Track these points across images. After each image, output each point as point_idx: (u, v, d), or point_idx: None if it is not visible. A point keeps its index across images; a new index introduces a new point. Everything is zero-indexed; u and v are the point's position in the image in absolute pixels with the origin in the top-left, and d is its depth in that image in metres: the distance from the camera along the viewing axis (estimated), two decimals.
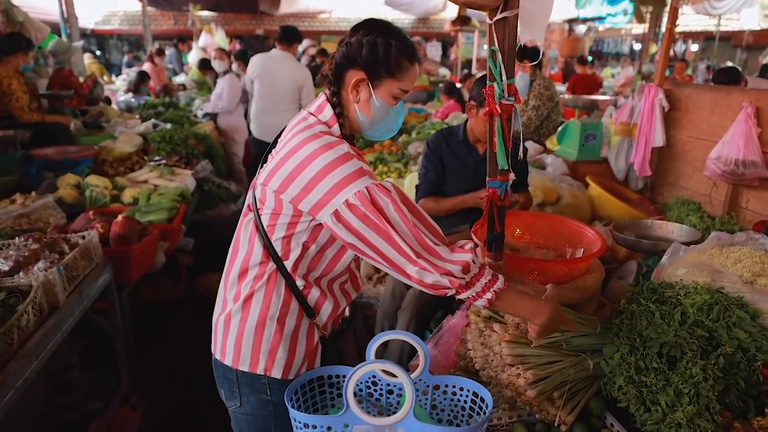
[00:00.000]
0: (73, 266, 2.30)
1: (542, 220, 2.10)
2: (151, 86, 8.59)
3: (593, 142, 3.61)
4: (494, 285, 1.23)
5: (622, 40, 18.39)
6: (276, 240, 1.32)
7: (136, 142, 4.77)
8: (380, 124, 1.41)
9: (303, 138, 1.27)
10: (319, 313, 1.38)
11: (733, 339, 1.26)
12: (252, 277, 1.36)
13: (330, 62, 1.37)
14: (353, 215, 1.19)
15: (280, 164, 1.27)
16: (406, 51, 1.32)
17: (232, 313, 1.38)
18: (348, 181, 1.20)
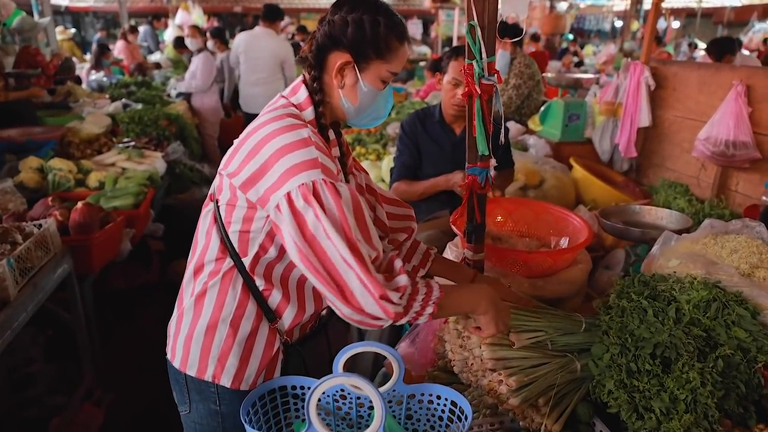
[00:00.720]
0: (27, 257, 2.17)
1: (525, 207, 1.99)
2: (125, 65, 8.32)
3: (577, 123, 3.50)
4: (431, 297, 1.11)
5: (603, 18, 18.28)
6: (233, 233, 1.18)
7: (104, 123, 4.57)
8: (368, 111, 1.27)
9: (263, 120, 1.15)
10: (281, 318, 1.24)
11: (732, 339, 1.16)
12: (207, 273, 1.23)
13: (310, 43, 1.22)
14: (290, 211, 1.04)
15: (237, 148, 1.16)
16: (395, 29, 1.18)
17: (184, 310, 1.25)
18: (296, 170, 1.05)
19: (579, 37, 15.90)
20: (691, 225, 1.94)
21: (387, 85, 1.25)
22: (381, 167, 3.76)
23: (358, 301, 1.03)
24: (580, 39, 15.76)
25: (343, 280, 1.03)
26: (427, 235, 2.33)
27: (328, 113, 1.26)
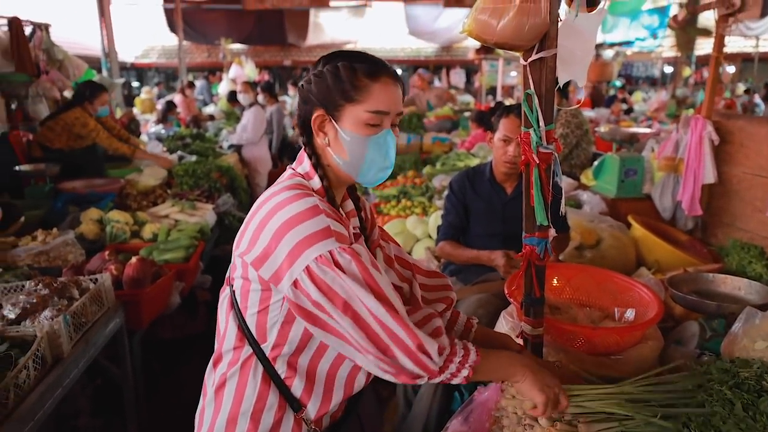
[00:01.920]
0: (82, 313, 2.21)
1: (585, 273, 1.88)
2: (182, 117, 8.75)
3: (634, 178, 3.36)
4: (468, 359, 1.09)
5: (652, 64, 18.05)
6: (250, 317, 1.13)
7: (160, 175, 4.76)
8: (365, 162, 1.17)
9: (270, 192, 1.13)
10: (306, 407, 1.16)
11: None
12: (225, 363, 1.18)
13: (297, 113, 1.23)
14: (313, 286, 1.00)
15: (246, 225, 1.13)
16: (360, 68, 1.13)
17: (206, 403, 1.20)
18: (309, 242, 1.01)
19: (627, 83, 15.71)
20: None
21: (379, 128, 1.16)
22: (428, 223, 3.70)
23: (398, 357, 1.02)
24: (629, 86, 15.56)
25: (382, 340, 1.01)
26: (477, 298, 2.24)
27: (332, 177, 1.21)
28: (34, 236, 3.19)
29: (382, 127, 1.16)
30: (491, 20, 1.30)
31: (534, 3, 1.28)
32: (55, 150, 4.59)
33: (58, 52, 5.44)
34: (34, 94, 5.12)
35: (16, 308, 2.12)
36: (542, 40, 1.32)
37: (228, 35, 13.04)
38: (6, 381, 1.64)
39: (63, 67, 5.45)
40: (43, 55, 5.25)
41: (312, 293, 1.01)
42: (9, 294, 2.31)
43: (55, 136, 4.60)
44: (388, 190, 4.71)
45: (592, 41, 1.42)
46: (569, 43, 1.40)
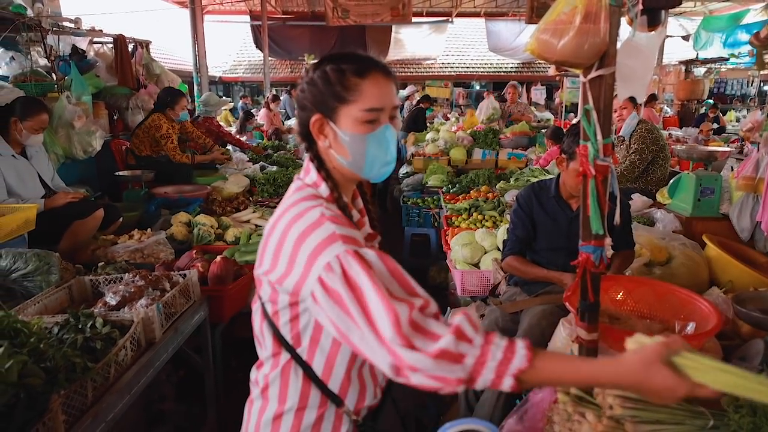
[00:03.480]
0: (172, 304, 2.43)
1: (647, 287, 1.90)
2: (264, 130, 9.22)
3: (711, 197, 3.27)
4: (510, 365, 0.94)
5: (748, 82, 16.99)
6: (283, 326, 1.18)
7: (243, 183, 5.09)
8: (367, 159, 1.18)
9: (280, 211, 1.16)
10: (345, 401, 1.22)
11: None
12: (268, 367, 1.25)
13: (296, 123, 1.28)
14: (324, 293, 1.01)
15: (265, 244, 1.15)
16: (348, 68, 1.15)
17: (254, 398, 1.31)
18: (317, 252, 1.03)
19: (720, 102, 14.89)
20: None
21: (377, 124, 1.17)
22: (497, 235, 3.76)
23: (396, 357, 0.95)
24: (722, 104, 14.74)
25: (383, 342, 0.96)
26: (541, 309, 2.30)
27: (338, 177, 1.23)
28: (131, 235, 3.52)
29: (379, 123, 1.17)
30: (552, 40, 1.39)
31: (594, 24, 1.37)
32: (144, 156, 4.98)
33: (156, 67, 5.90)
34: (134, 106, 5.54)
35: (117, 296, 2.38)
36: (602, 59, 1.40)
37: (311, 51, 13.56)
38: (108, 357, 1.88)
39: (160, 80, 5.90)
40: (142, 70, 5.72)
41: (325, 303, 1.02)
42: (110, 284, 2.59)
43: (141, 142, 5.00)
44: (459, 204, 4.79)
45: (652, 59, 1.48)
46: (630, 61, 1.47)
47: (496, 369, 0.95)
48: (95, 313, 2.12)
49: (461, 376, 0.94)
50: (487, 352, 0.96)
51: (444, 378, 0.94)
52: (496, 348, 0.96)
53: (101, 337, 1.96)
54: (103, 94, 5.12)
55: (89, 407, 1.75)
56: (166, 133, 4.96)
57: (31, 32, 4.15)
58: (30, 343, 1.64)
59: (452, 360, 0.94)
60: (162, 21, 11.66)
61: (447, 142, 7.73)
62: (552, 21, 1.40)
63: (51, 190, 3.55)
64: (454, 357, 0.94)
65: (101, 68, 5.07)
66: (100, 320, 2.04)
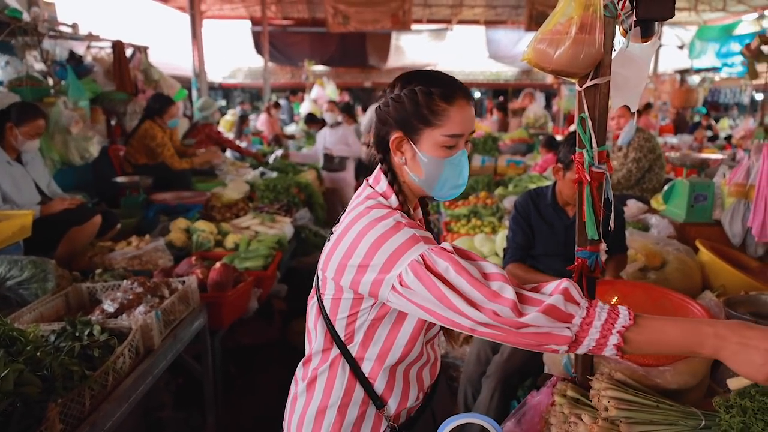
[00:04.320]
0: (171, 311, 2.43)
1: (641, 290, 1.94)
2: (264, 135, 9.24)
3: (704, 203, 3.32)
4: (615, 323, 0.96)
5: (741, 90, 17.13)
6: (339, 321, 1.24)
7: (243, 189, 5.12)
8: (440, 180, 1.23)
9: (353, 216, 1.20)
10: (386, 403, 1.27)
11: None
12: (317, 362, 1.31)
13: (371, 132, 1.32)
14: (411, 287, 1.06)
15: (334, 248, 1.19)
16: (437, 92, 1.17)
17: (298, 393, 1.35)
18: (400, 252, 1.08)
19: (714, 110, 15.01)
20: None
21: (455, 150, 1.21)
22: (495, 241, 3.80)
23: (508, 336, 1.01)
24: (715, 113, 14.87)
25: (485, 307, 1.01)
26: None
27: (408, 192, 1.28)
28: (129, 242, 3.53)
29: (457, 148, 1.22)
30: (549, 49, 1.43)
31: (589, 34, 1.41)
32: (140, 165, 4.96)
33: (155, 73, 5.89)
34: (132, 112, 5.52)
35: (115, 303, 2.38)
36: (596, 68, 1.44)
37: (311, 57, 13.64)
38: (106, 365, 1.88)
39: (158, 86, 5.88)
40: (141, 75, 5.70)
41: (411, 295, 1.07)
42: (108, 291, 2.59)
43: (136, 151, 4.98)
44: (459, 210, 4.84)
45: (646, 69, 1.52)
46: (624, 71, 1.51)
47: (601, 328, 0.98)
48: (92, 320, 2.12)
49: (568, 335, 0.98)
50: (593, 313, 1.00)
51: (551, 335, 0.98)
52: (601, 310, 1.00)
53: (99, 345, 1.96)
54: (100, 100, 5.10)
55: (87, 416, 1.75)
56: (162, 141, 4.95)
57: (27, 36, 4.14)
58: (26, 352, 1.64)
59: (560, 318, 0.98)
60: (161, 26, 11.68)
61: None
62: (549, 31, 1.44)
63: (47, 197, 3.52)
64: (563, 315, 0.99)
65: (99, 73, 5.05)
66: (98, 328, 2.05)
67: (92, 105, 4.86)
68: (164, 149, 4.96)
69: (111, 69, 5.13)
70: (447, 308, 1.04)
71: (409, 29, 12.42)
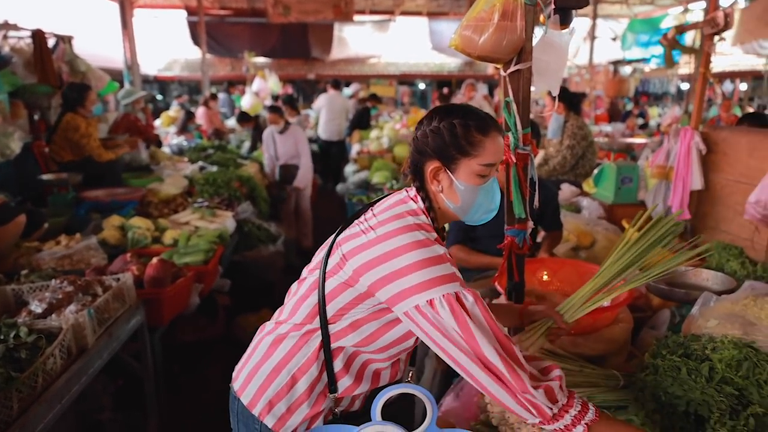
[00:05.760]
0: (105, 308, 2.33)
1: (570, 267, 2.05)
2: (204, 129, 8.97)
3: (630, 185, 3.52)
4: (585, 416, 1.12)
5: (668, 80, 18.10)
6: (334, 303, 1.29)
7: (181, 184, 4.96)
8: (475, 206, 1.33)
9: (397, 227, 1.23)
10: (337, 384, 1.33)
11: (765, 398, 1.17)
12: (289, 326, 1.35)
13: (407, 161, 1.38)
14: (438, 315, 1.14)
15: (368, 245, 1.23)
16: (473, 125, 1.26)
17: (259, 346, 1.39)
18: (438, 282, 1.15)
19: (644, 99, 15.79)
20: (735, 286, 1.93)
21: (488, 178, 1.30)
22: None
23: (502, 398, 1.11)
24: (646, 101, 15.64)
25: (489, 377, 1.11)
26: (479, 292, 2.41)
27: (439, 216, 1.35)
28: (57, 241, 3.34)
29: (490, 177, 1.31)
30: (474, 36, 1.49)
31: (511, 21, 1.47)
32: (66, 163, 4.67)
33: (81, 64, 5.56)
34: (56, 106, 5.16)
35: (43, 303, 2.27)
36: (519, 54, 1.51)
37: (251, 48, 13.24)
38: (35, 366, 1.80)
39: (86, 78, 5.53)
40: (65, 67, 5.37)
41: (433, 320, 1.14)
42: (35, 292, 2.46)
43: (60, 148, 4.68)
44: None
45: (565, 55, 1.60)
46: (545, 57, 1.59)
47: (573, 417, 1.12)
48: (19, 322, 2.03)
49: (549, 414, 1.11)
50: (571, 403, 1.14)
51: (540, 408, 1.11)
52: (576, 401, 1.15)
53: (27, 347, 1.88)
54: (21, 93, 4.78)
55: (15, 418, 1.68)
56: (86, 132, 4.64)
57: None
58: None
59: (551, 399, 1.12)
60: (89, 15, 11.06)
61: (391, 140, 7.83)
62: (473, 18, 1.50)
63: None
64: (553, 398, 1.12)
65: (18, 65, 4.71)
66: (25, 329, 1.95)
67: (12, 99, 4.57)
68: (89, 140, 4.66)
69: (32, 60, 4.83)
70: (466, 345, 1.13)
71: (352, 20, 12.31)
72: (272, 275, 4.69)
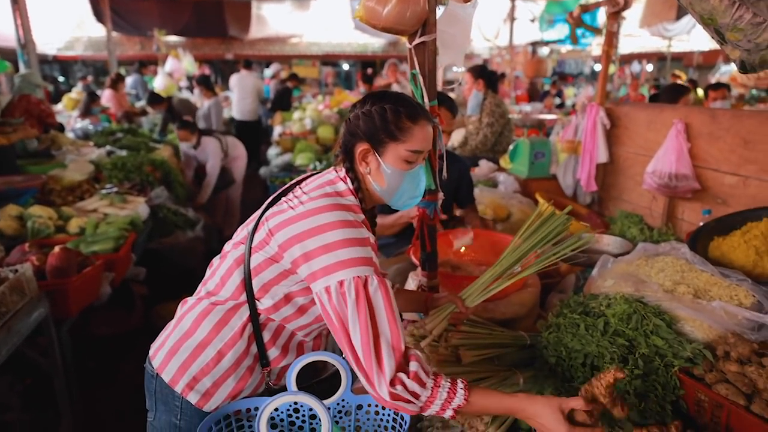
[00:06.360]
0: (2, 302, 2.20)
1: (483, 238, 2.11)
2: (112, 113, 8.47)
3: (542, 160, 3.67)
4: (452, 403, 1.15)
5: (583, 61, 18.96)
6: (260, 278, 1.29)
7: (87, 170, 4.67)
8: (399, 191, 1.36)
9: (324, 204, 1.24)
10: (266, 356, 1.34)
11: (651, 346, 1.27)
12: (215, 300, 1.34)
13: (338, 141, 1.39)
14: (341, 297, 1.16)
15: (294, 220, 1.24)
16: (404, 112, 1.29)
17: (182, 320, 1.35)
18: (354, 263, 1.17)
19: (562, 80, 16.45)
20: (631, 249, 2.07)
21: (414, 164, 1.34)
22: None
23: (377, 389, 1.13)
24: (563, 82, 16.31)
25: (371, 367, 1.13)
26: (397, 268, 2.44)
27: (367, 197, 1.37)
28: None
29: (416, 163, 1.34)
30: (377, 7, 1.48)
31: None
32: None
33: None
34: None
35: None
36: (423, 26, 1.51)
37: (162, 26, 12.53)
38: None
39: None
40: None
41: (337, 304, 1.16)
42: None
43: None
44: None
45: (469, 29, 1.63)
46: (450, 30, 1.61)
47: (441, 405, 1.16)
48: None
49: (415, 409, 1.16)
50: (435, 394, 1.16)
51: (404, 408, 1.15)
52: (442, 389, 1.16)
53: None
54: None
55: None
56: None
57: None
58: None
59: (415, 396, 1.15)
60: None
61: (314, 121, 7.72)
62: None
63: None
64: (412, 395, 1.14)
65: None
66: None
67: None
68: None
69: None
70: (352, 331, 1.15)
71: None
72: (192, 262, 4.53)
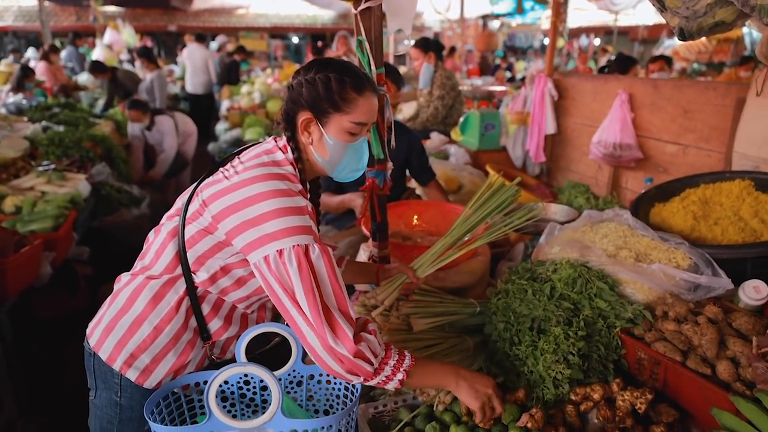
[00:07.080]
0: None
1: (433, 208, 2.13)
2: (47, 86, 8.01)
3: (492, 132, 3.71)
4: (403, 364, 1.17)
5: (533, 35, 19.15)
6: (194, 250, 1.25)
7: (21, 146, 4.42)
8: (341, 163, 1.32)
9: (259, 174, 1.20)
10: (207, 328, 1.31)
11: (595, 309, 1.32)
12: (150, 275, 1.29)
13: (281, 109, 1.33)
14: (282, 266, 1.12)
15: (228, 190, 1.20)
16: (349, 82, 1.25)
17: (118, 297, 1.30)
18: (292, 232, 1.14)
19: (513, 53, 16.58)
20: (577, 216, 2.13)
21: (358, 136, 1.30)
22: None
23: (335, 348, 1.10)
24: (514, 55, 16.45)
25: (322, 329, 1.10)
26: (349, 240, 2.43)
27: (308, 168, 1.33)
28: None
29: (360, 135, 1.30)
30: None
31: None
32: None
33: None
34: None
35: None
36: None
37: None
38: None
39: None
40: None
41: (279, 273, 1.12)
42: None
43: None
44: None
45: None
46: None
47: (393, 366, 1.17)
48: None
49: (370, 370, 1.14)
50: (389, 354, 1.18)
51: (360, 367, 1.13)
52: (394, 351, 1.19)
53: None
54: None
55: None
56: None
57: None
58: None
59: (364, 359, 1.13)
60: None
61: (263, 95, 7.54)
62: None
63: None
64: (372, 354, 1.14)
65: None
66: None
67: None
68: None
69: None
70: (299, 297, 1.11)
71: None
72: (138, 240, 4.28)
